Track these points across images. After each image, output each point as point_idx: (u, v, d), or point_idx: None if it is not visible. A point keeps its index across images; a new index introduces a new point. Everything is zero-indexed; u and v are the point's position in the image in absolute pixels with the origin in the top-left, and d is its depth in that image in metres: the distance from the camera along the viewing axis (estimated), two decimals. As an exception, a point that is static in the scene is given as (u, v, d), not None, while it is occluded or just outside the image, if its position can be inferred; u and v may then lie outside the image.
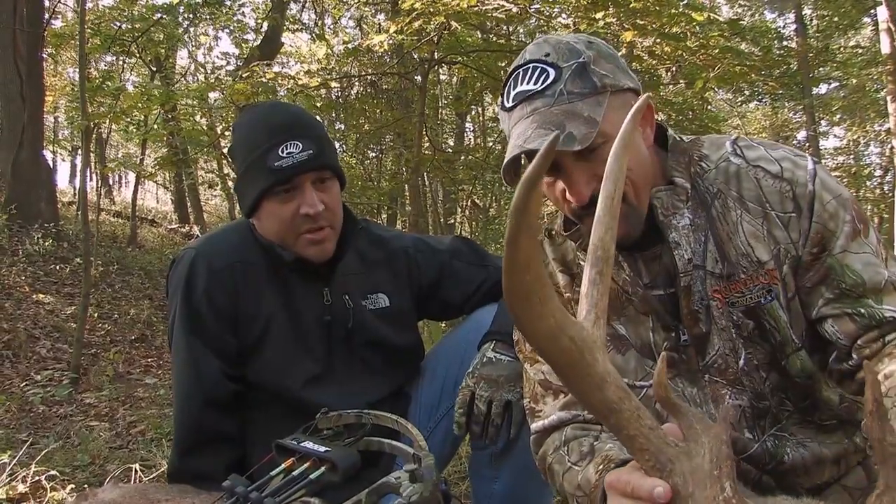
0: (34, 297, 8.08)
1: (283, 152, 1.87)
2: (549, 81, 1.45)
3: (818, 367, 1.52)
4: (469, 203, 14.46)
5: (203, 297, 1.94)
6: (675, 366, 1.57)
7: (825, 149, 20.37)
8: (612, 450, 1.38)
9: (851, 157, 19.99)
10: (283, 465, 1.30)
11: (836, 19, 15.88)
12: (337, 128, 14.21)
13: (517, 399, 1.83)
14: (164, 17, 11.07)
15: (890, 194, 13.12)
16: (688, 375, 1.56)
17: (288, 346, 1.98)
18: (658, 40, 6.20)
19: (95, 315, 7.94)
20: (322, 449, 1.35)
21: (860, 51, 16.57)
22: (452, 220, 13.95)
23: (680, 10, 5.81)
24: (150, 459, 3.63)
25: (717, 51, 6.29)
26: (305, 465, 1.31)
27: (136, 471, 3.20)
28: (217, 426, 1.93)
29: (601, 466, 1.34)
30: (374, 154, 15.22)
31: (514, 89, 1.51)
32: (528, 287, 0.90)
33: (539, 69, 1.47)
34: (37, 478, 3.05)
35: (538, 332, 0.95)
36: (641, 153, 1.49)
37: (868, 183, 15.65)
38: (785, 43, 17.76)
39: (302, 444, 1.37)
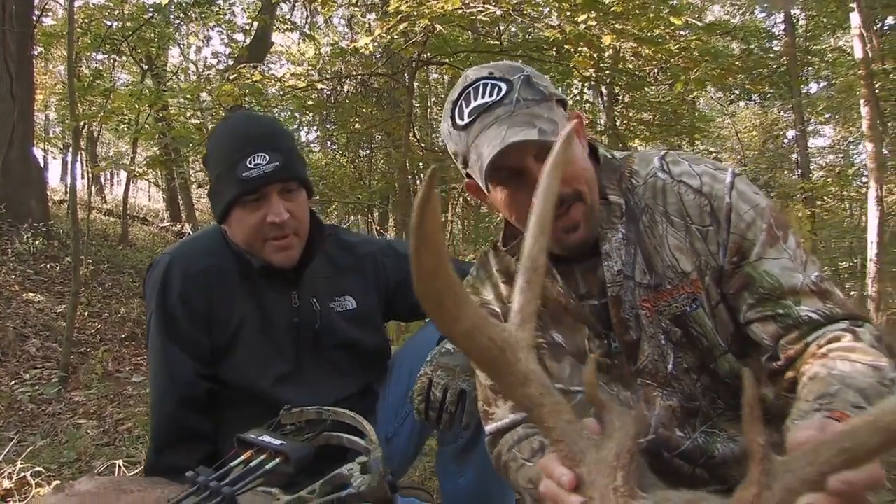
0: (24, 295, 8.13)
1: (251, 163, 1.97)
2: (504, 92, 1.53)
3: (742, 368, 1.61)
4: (461, 201, 14.55)
5: (178, 301, 2.05)
6: (610, 371, 1.66)
7: (815, 147, 20.51)
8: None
9: (840, 156, 20.12)
10: (242, 457, 1.40)
11: (823, 19, 15.98)
12: (328, 127, 14.32)
13: (472, 389, 1.91)
14: (155, 16, 11.13)
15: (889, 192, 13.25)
16: (622, 380, 1.66)
17: (258, 347, 2.09)
18: (636, 44, 6.29)
19: (85, 314, 8.00)
20: (277, 442, 1.45)
21: (848, 50, 16.75)
22: (443, 218, 14.03)
23: (659, 13, 5.91)
24: (134, 456, 3.72)
25: (696, 54, 6.40)
26: (262, 457, 1.40)
27: (119, 467, 3.29)
28: (191, 423, 2.03)
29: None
30: (364, 153, 15.28)
31: (467, 106, 1.57)
32: (439, 293, 0.98)
33: (490, 84, 1.55)
34: (22, 474, 3.13)
35: (455, 333, 1.02)
36: (587, 160, 1.58)
37: (854, 183, 15.76)
38: (775, 42, 17.97)
39: (260, 438, 1.47)
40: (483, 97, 1.55)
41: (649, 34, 6.02)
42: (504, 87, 1.54)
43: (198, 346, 2.05)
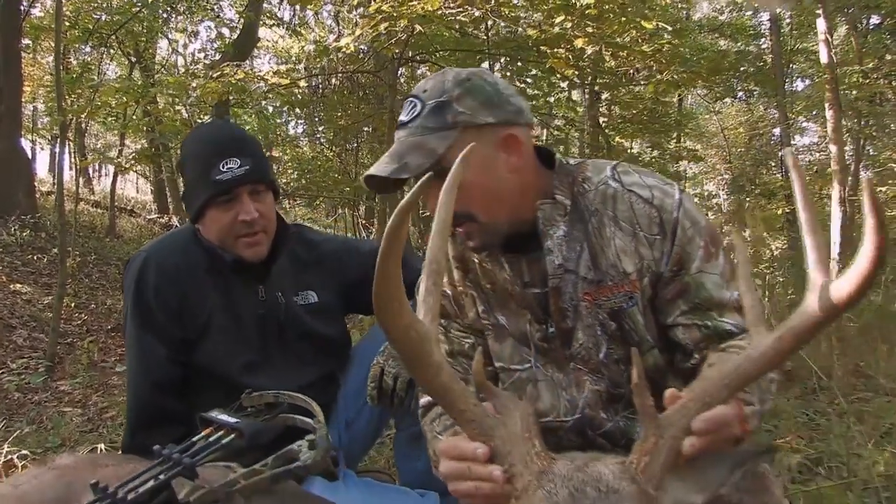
0: (11, 286, 8.27)
1: (223, 167, 2.19)
2: (414, 115, 1.72)
3: (666, 365, 1.82)
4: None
5: (153, 293, 2.25)
6: (547, 354, 1.86)
7: (802, 145, 20.75)
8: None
9: (825, 154, 20.39)
10: (202, 433, 1.58)
11: (805, 18, 16.21)
12: (315, 120, 14.42)
13: None
14: (143, 10, 11.23)
15: (852, 193, 13.49)
16: (556, 363, 1.86)
17: (227, 336, 2.29)
18: (609, 47, 6.48)
19: (72, 305, 8.13)
20: (233, 420, 1.64)
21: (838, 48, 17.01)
22: (427, 213, 14.14)
23: (631, 18, 6.08)
24: (117, 441, 3.87)
25: (667, 57, 6.58)
26: (220, 433, 1.59)
27: (101, 450, 3.45)
28: (164, 406, 2.23)
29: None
30: (350, 147, 15.39)
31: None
32: (392, 293, 1.19)
33: (412, 103, 1.75)
34: (9, 457, 3.29)
35: (396, 327, 1.22)
36: (496, 179, 1.73)
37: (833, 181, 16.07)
38: (763, 40, 18.20)
39: (218, 417, 1.66)
40: (404, 114, 1.77)
41: (622, 39, 6.21)
42: (418, 109, 1.73)
43: (171, 335, 2.26)
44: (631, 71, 7.85)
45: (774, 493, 1.70)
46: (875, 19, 15.02)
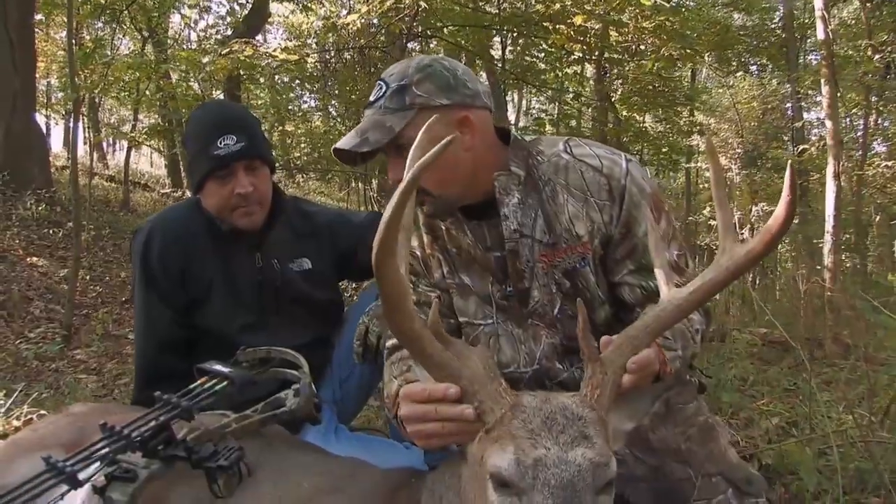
0: (28, 260, 8.47)
1: (221, 143, 2.38)
2: (379, 96, 1.93)
3: (613, 319, 2.02)
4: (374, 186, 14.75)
5: (158, 260, 2.45)
6: (507, 311, 2.06)
7: (816, 119, 20.62)
8: (414, 376, 1.80)
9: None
10: (199, 381, 1.76)
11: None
12: (328, 94, 14.50)
13: None
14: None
15: (858, 168, 13.51)
16: (516, 319, 2.07)
17: (227, 300, 2.49)
18: (609, 24, 6.56)
19: (87, 277, 8.33)
20: (226, 370, 1.81)
21: (849, 22, 16.88)
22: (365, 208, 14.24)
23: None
24: (128, 403, 4.08)
25: (665, 35, 6.67)
26: (214, 381, 1.77)
27: (114, 411, 3.65)
28: (169, 364, 2.41)
29: (402, 383, 1.80)
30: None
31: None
32: (390, 246, 1.32)
33: (379, 85, 1.96)
34: (29, 416, 3.50)
35: (389, 272, 1.35)
36: (450, 156, 1.85)
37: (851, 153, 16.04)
38: (776, 14, 18.07)
39: (213, 367, 1.83)
40: (372, 95, 1.98)
41: (623, 16, 6.29)
42: (383, 90, 1.93)
43: (175, 299, 2.46)
44: (633, 47, 7.91)
45: (720, 443, 1.88)
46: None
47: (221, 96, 11.64)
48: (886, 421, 2.88)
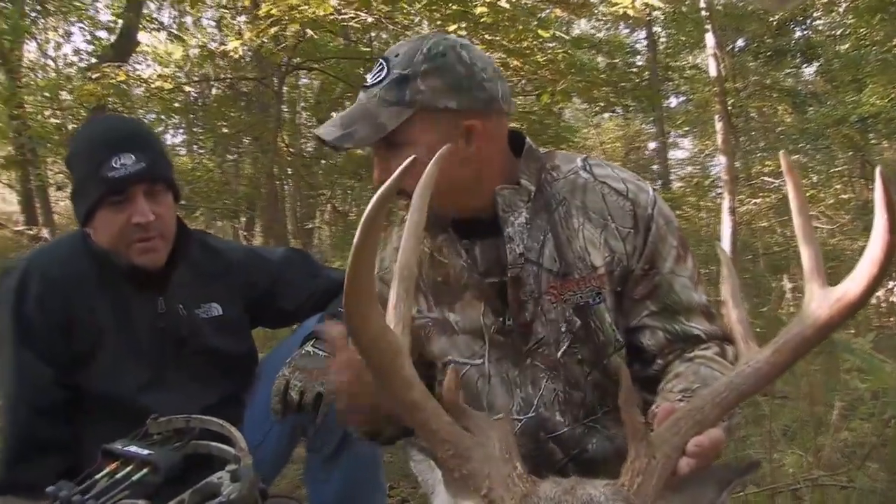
0: None
1: (116, 163, 1.95)
2: (377, 80, 1.61)
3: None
4: (329, 208, 14.43)
5: (35, 306, 1.99)
6: (502, 347, 1.73)
7: (674, 159, 21.65)
8: None
9: (698, 167, 21.34)
10: (107, 469, 1.35)
11: (682, 38, 16.96)
12: (195, 130, 13.83)
13: (328, 391, 1.90)
14: (7, 6, 10.40)
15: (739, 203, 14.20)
16: (512, 358, 1.73)
17: (120, 352, 2.05)
18: (505, 55, 6.47)
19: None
20: (145, 452, 1.42)
21: (704, 68, 17.87)
22: (311, 225, 13.86)
23: (528, 26, 6.09)
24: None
25: (562, 66, 6.65)
26: (129, 468, 1.36)
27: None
28: (47, 434, 1.96)
29: None
30: (231, 158, 14.89)
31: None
32: (364, 295, 1.07)
33: (380, 65, 1.63)
34: None
35: (366, 333, 1.09)
36: (446, 168, 1.59)
37: (710, 193, 16.85)
38: (638, 57, 18.90)
39: (126, 449, 1.43)
40: (371, 74, 1.65)
41: (518, 46, 6.20)
42: (383, 75, 1.61)
43: (55, 353, 2.00)
44: (523, 82, 7.87)
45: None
46: (741, 42, 15.87)
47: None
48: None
